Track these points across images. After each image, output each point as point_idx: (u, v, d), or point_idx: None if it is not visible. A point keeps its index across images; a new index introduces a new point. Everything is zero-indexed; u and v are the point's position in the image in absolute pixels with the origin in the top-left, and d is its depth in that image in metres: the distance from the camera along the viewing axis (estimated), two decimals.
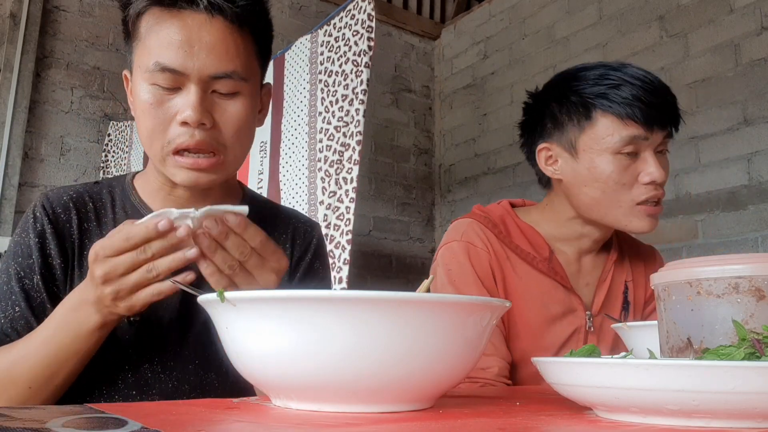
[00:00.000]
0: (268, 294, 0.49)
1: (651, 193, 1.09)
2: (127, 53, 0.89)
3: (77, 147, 3.33)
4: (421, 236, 4.39)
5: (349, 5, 2.52)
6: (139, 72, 0.83)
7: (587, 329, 1.19)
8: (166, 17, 0.81)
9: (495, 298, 0.54)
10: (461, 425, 0.46)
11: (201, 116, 0.80)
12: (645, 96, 1.07)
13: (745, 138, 2.85)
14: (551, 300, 1.17)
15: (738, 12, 2.93)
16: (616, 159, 1.08)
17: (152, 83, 0.81)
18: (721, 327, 0.56)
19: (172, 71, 0.80)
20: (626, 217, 1.11)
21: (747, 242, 2.78)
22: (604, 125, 1.09)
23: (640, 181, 1.09)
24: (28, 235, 0.87)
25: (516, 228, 1.19)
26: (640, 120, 1.06)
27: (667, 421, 0.45)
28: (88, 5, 3.44)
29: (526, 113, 1.25)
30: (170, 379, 0.88)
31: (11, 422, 0.40)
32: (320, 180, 2.48)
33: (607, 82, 1.09)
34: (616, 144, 1.08)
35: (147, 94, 0.82)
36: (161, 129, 0.82)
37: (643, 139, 1.08)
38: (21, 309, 0.83)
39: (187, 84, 0.81)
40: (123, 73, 0.92)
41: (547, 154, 1.17)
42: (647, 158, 1.09)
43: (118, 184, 0.97)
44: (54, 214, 0.89)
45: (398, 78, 4.53)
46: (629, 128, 1.07)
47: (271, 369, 0.50)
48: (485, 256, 1.13)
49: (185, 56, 0.79)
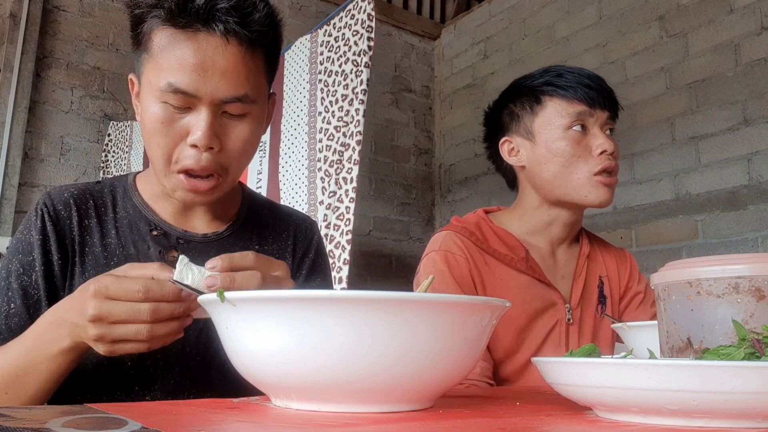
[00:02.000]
0: (268, 294, 0.49)
1: (605, 163, 1.20)
2: (135, 59, 0.90)
3: (77, 147, 3.33)
4: (421, 236, 4.39)
5: (349, 5, 2.52)
6: (149, 87, 0.83)
7: (567, 322, 1.24)
8: (181, 37, 0.80)
9: (495, 298, 0.54)
10: (461, 425, 0.46)
11: (210, 141, 0.81)
12: (584, 80, 1.23)
13: (745, 138, 2.85)
14: (532, 296, 1.23)
15: (738, 12, 2.93)
16: (568, 134, 1.22)
17: (163, 101, 0.81)
18: (721, 327, 0.56)
19: (185, 93, 0.80)
20: (584, 187, 1.21)
21: (747, 242, 2.78)
22: (553, 107, 1.23)
23: (593, 153, 1.21)
24: (30, 233, 0.88)
25: (491, 232, 1.27)
26: (584, 99, 1.21)
27: (667, 421, 0.45)
28: (88, 5, 3.44)
29: (486, 123, 1.38)
30: (172, 376, 0.88)
31: (11, 422, 0.40)
32: (320, 180, 2.48)
33: (551, 72, 1.26)
34: (566, 121, 1.22)
35: (158, 111, 0.82)
36: (170, 147, 0.83)
37: (589, 115, 1.22)
38: (16, 306, 0.84)
39: (199, 106, 0.81)
40: (129, 77, 0.93)
41: (509, 147, 1.30)
42: (596, 133, 1.22)
43: (119, 184, 0.98)
44: (55, 211, 0.90)
45: (398, 78, 4.53)
46: (575, 106, 1.21)
47: (271, 369, 0.50)
48: (464, 263, 1.19)
49: (198, 80, 0.79)
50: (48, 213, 0.89)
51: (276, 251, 1.01)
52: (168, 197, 0.94)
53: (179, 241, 0.94)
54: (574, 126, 1.21)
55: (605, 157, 1.20)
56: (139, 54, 0.87)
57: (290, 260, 1.03)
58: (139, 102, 0.89)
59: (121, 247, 0.92)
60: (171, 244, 0.93)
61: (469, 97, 4.39)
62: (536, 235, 1.29)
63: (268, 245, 1.01)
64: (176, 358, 0.89)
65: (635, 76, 3.33)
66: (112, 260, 0.91)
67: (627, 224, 3.25)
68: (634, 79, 3.33)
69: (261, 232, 1.02)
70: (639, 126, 3.26)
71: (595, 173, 1.19)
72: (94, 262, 0.90)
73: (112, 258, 0.91)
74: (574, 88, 1.21)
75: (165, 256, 0.92)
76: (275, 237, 1.03)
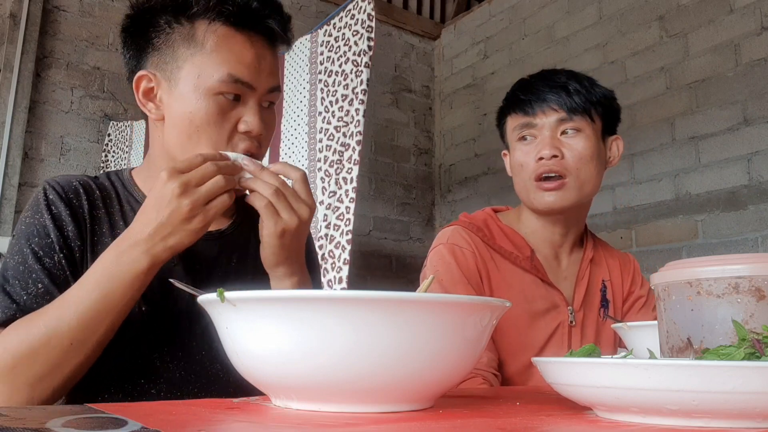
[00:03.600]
0: (268, 294, 0.49)
1: (540, 169, 1.21)
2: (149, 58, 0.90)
3: (77, 147, 3.33)
4: (421, 236, 4.39)
5: (349, 5, 2.52)
6: (196, 81, 0.87)
7: (570, 324, 1.25)
8: (234, 33, 0.89)
9: (495, 298, 0.54)
10: (461, 425, 0.46)
11: (262, 128, 0.90)
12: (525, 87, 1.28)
13: (745, 138, 2.85)
14: (534, 296, 1.23)
15: (738, 12, 2.93)
16: (520, 146, 1.26)
17: (218, 92, 0.87)
18: (721, 327, 0.56)
19: (244, 84, 0.88)
20: (531, 194, 1.24)
21: (747, 242, 2.78)
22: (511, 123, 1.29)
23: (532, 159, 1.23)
24: (43, 216, 0.86)
25: (498, 230, 1.28)
26: (522, 111, 1.24)
27: (667, 421, 0.45)
28: (88, 5, 3.44)
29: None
30: (177, 369, 0.89)
31: (11, 422, 0.40)
32: (320, 180, 2.48)
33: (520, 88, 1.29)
34: (516, 135, 1.27)
35: (211, 103, 0.87)
36: (222, 138, 0.88)
37: (530, 126, 1.24)
38: (44, 285, 0.82)
39: (250, 97, 0.89)
40: (138, 75, 0.91)
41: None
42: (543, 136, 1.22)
43: (117, 179, 0.98)
44: (67, 197, 0.89)
45: (398, 78, 4.53)
46: (518, 119, 1.25)
47: (271, 369, 0.50)
48: (470, 257, 1.20)
49: (255, 72, 0.89)
50: (61, 198, 0.88)
51: None
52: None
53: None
54: (522, 136, 1.25)
55: (541, 164, 1.21)
56: (174, 51, 0.89)
57: None
58: (168, 99, 0.89)
59: None
60: None
61: (469, 97, 4.39)
62: (538, 237, 1.30)
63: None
64: (182, 351, 0.89)
65: (635, 76, 3.33)
66: None
67: (627, 224, 3.25)
68: (634, 79, 3.33)
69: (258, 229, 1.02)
70: (639, 126, 3.26)
71: (535, 179, 1.22)
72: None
73: None
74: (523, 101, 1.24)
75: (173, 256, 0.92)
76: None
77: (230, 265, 0.98)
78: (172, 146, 0.90)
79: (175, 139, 0.89)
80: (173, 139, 0.90)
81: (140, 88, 0.91)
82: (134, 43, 0.93)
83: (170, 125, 0.90)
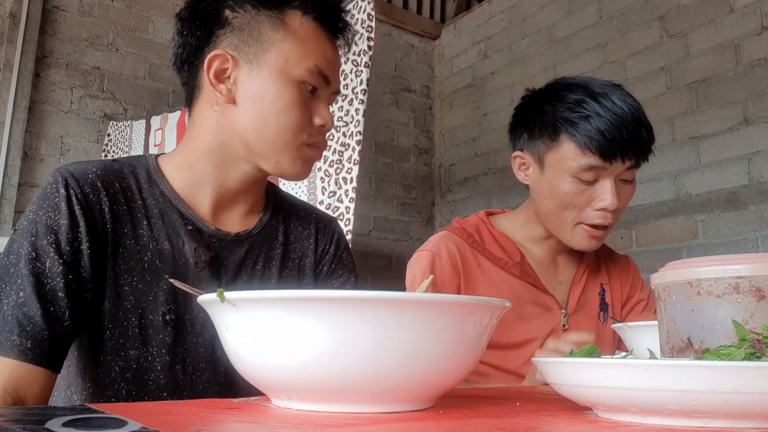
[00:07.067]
0: (268, 294, 0.49)
1: (598, 219, 1.16)
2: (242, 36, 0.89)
3: (77, 147, 3.32)
4: (421, 236, 4.39)
5: (349, 5, 2.52)
6: (286, 64, 0.89)
7: (563, 327, 1.25)
8: (322, 31, 0.95)
9: (495, 298, 0.54)
10: (461, 425, 0.45)
11: (332, 122, 0.95)
12: (610, 131, 1.11)
13: (745, 138, 2.85)
14: (524, 301, 1.24)
15: (738, 12, 2.93)
16: (575, 181, 1.15)
17: (303, 81, 0.90)
18: (722, 327, 0.56)
19: (324, 78, 0.93)
20: (569, 233, 1.19)
21: (747, 242, 2.78)
22: (568, 149, 1.15)
23: (592, 206, 1.16)
24: (49, 215, 0.79)
25: (489, 236, 1.28)
26: (598, 152, 1.12)
27: (667, 421, 0.45)
28: (88, 5, 3.43)
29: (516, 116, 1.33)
30: (201, 381, 0.87)
31: (11, 422, 0.40)
32: (320, 180, 2.48)
33: (579, 111, 1.14)
34: (575, 169, 1.14)
35: (296, 90, 0.90)
36: (306, 125, 0.91)
37: (602, 168, 1.14)
38: (25, 295, 0.74)
39: (324, 92, 0.94)
40: (213, 54, 0.88)
41: (521, 162, 1.28)
42: (606, 185, 1.15)
43: (139, 165, 0.91)
44: (83, 194, 0.81)
45: (398, 78, 4.52)
46: (588, 158, 1.13)
47: (271, 369, 0.50)
48: (447, 267, 1.21)
49: (334, 69, 0.96)
50: (76, 196, 0.80)
51: (299, 249, 1.02)
52: (213, 189, 0.92)
53: (212, 239, 0.91)
54: (583, 176, 1.14)
55: (601, 214, 1.15)
56: (260, 32, 0.89)
57: (312, 257, 1.03)
58: (247, 81, 0.89)
59: (155, 241, 0.86)
60: (204, 242, 0.90)
61: (469, 97, 4.39)
62: (537, 242, 1.30)
63: (290, 243, 1.01)
64: (205, 363, 0.87)
65: (635, 76, 3.33)
66: (146, 255, 0.85)
67: (627, 224, 3.25)
68: (634, 79, 3.33)
69: (286, 229, 1.02)
70: None
71: (585, 223, 1.17)
72: (126, 256, 0.84)
73: (145, 252, 0.85)
74: (593, 139, 1.11)
75: (200, 255, 0.89)
76: (298, 234, 1.03)
77: (256, 268, 0.95)
78: (245, 129, 0.88)
79: (251, 122, 0.88)
80: (248, 122, 0.88)
81: (212, 68, 0.88)
82: (205, 22, 0.90)
83: (245, 107, 0.88)
